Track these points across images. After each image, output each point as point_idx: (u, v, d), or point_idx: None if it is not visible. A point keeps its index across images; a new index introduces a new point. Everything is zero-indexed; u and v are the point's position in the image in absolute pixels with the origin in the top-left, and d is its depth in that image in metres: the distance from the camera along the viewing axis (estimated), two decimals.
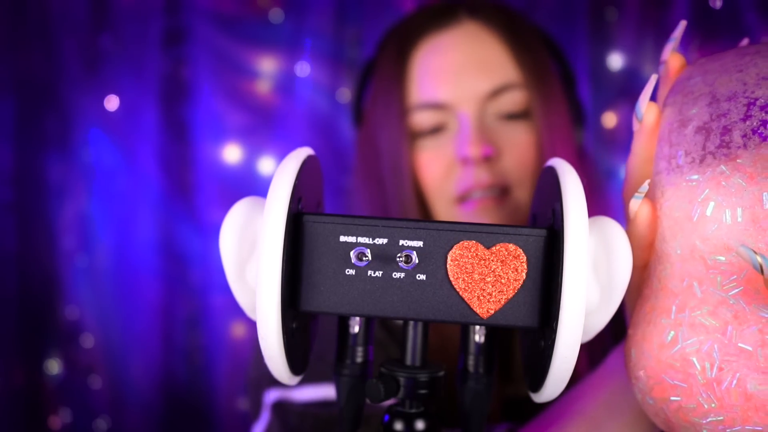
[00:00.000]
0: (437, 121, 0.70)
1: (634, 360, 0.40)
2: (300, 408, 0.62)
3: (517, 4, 1.06)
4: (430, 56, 0.71)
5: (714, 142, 0.36)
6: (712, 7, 1.02)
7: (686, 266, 0.37)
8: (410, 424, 0.37)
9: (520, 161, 0.69)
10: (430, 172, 0.71)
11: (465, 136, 0.68)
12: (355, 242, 0.35)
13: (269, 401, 0.65)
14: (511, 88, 0.69)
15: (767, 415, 0.35)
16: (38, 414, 1.15)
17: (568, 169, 0.35)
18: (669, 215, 0.38)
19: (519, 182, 0.70)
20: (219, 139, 1.12)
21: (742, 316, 0.35)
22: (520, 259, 0.34)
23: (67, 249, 1.13)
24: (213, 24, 1.10)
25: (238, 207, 0.37)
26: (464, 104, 0.69)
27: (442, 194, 0.70)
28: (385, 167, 0.72)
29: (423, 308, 0.35)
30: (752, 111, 0.36)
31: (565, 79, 0.77)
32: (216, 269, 1.12)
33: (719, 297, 0.36)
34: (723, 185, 0.35)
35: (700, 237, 0.36)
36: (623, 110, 1.10)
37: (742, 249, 0.33)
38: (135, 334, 1.13)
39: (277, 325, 0.33)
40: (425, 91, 0.70)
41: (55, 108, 1.11)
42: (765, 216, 0.34)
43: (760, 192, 0.34)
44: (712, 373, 0.36)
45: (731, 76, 0.38)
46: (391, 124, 0.71)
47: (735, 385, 0.35)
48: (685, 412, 0.37)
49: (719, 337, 0.35)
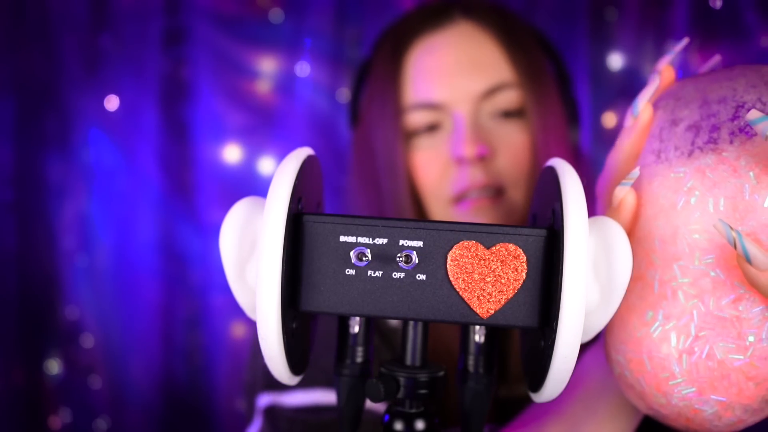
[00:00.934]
0: (432, 121, 0.70)
1: (614, 336, 0.42)
2: (290, 413, 0.63)
3: (517, 5, 1.06)
4: (425, 56, 0.71)
5: (702, 138, 0.38)
6: (712, 7, 1.02)
7: (667, 248, 0.39)
8: (410, 424, 0.37)
9: (515, 161, 0.70)
10: (426, 173, 0.71)
11: (460, 136, 0.68)
12: (355, 242, 0.35)
13: (261, 406, 0.65)
14: (506, 87, 0.69)
15: (731, 386, 0.37)
16: (38, 414, 1.15)
17: (568, 169, 0.35)
18: (654, 203, 0.40)
19: (514, 182, 0.70)
20: (219, 139, 1.12)
21: (720, 286, 0.37)
22: (520, 259, 0.34)
23: (67, 249, 1.13)
24: (213, 24, 1.10)
25: (238, 207, 0.36)
26: (459, 104, 0.69)
27: (438, 194, 0.71)
28: (380, 167, 0.72)
29: (423, 308, 0.35)
30: (740, 113, 0.38)
31: (560, 78, 0.77)
32: (216, 269, 1.12)
33: (699, 270, 0.38)
34: (708, 176, 0.37)
35: (683, 222, 0.38)
36: (623, 110, 1.10)
37: (719, 223, 0.36)
38: (135, 334, 1.13)
39: (277, 325, 0.33)
40: (420, 91, 0.70)
41: (55, 108, 1.11)
42: (745, 206, 0.36)
43: (742, 184, 0.36)
44: (686, 344, 0.38)
45: (722, 84, 0.40)
46: (386, 124, 0.71)
47: (705, 357, 0.37)
48: (658, 382, 0.39)
49: (698, 305, 0.38)
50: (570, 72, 0.79)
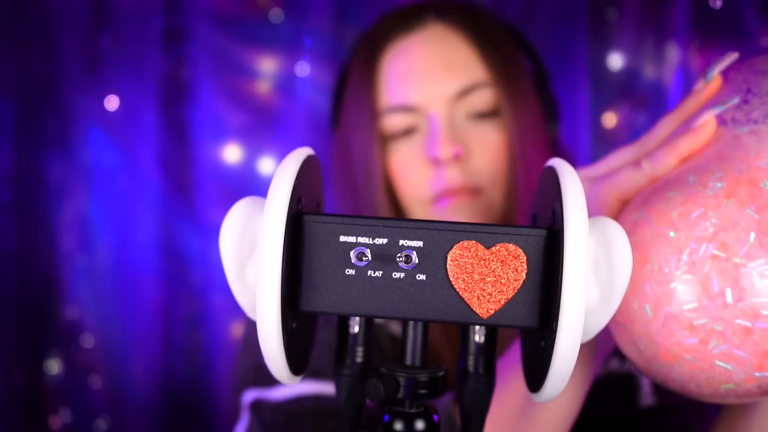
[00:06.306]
0: (408, 123, 0.71)
1: None
2: (274, 405, 0.64)
3: (517, 5, 1.06)
4: (398, 59, 0.71)
5: None
6: (712, 7, 1.02)
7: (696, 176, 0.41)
8: (410, 424, 0.37)
9: (491, 160, 0.70)
10: (403, 175, 0.72)
11: (435, 137, 0.68)
12: (355, 242, 0.35)
13: (247, 402, 0.67)
14: (480, 87, 0.69)
15: None
16: (38, 414, 1.15)
17: (567, 170, 0.35)
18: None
19: (491, 181, 0.71)
20: (219, 139, 1.12)
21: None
22: (520, 259, 0.34)
23: (67, 249, 1.13)
24: (213, 24, 1.10)
25: (238, 207, 0.36)
26: (433, 105, 0.69)
27: (416, 196, 0.71)
28: (357, 171, 0.73)
29: (423, 308, 0.35)
30: None
31: (538, 75, 0.77)
32: (216, 269, 1.12)
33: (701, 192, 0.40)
34: None
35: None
36: (623, 110, 1.10)
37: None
38: (135, 334, 1.13)
39: (277, 325, 0.33)
40: (394, 94, 0.71)
41: (55, 108, 1.11)
42: None
43: None
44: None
45: None
46: (362, 127, 0.72)
47: None
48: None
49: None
50: (548, 68, 0.79)
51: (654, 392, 0.72)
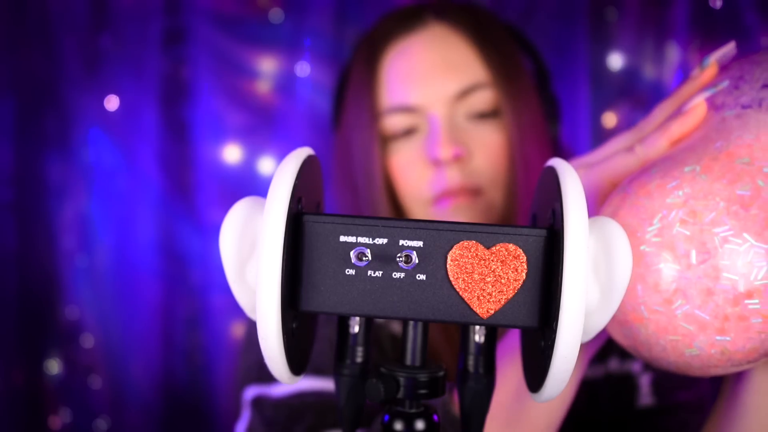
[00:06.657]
0: (408, 123, 0.71)
1: None
2: (275, 401, 0.64)
3: (516, 6, 1.06)
4: (399, 60, 0.71)
5: None
6: (712, 7, 1.02)
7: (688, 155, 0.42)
8: (410, 424, 0.37)
9: (491, 160, 0.70)
10: (404, 175, 0.72)
11: (435, 138, 0.68)
12: (355, 242, 0.35)
13: (248, 398, 0.67)
14: (480, 87, 0.69)
15: None
16: (38, 414, 1.15)
17: (568, 170, 0.35)
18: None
19: (491, 181, 0.71)
20: (219, 139, 1.12)
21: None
22: (520, 259, 0.34)
23: (67, 249, 1.13)
24: (213, 24, 1.10)
25: (238, 207, 0.36)
26: (434, 106, 0.69)
27: (417, 196, 0.71)
28: (357, 171, 0.73)
29: (423, 308, 0.35)
30: None
31: (539, 75, 0.77)
32: (216, 269, 1.12)
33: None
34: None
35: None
36: (623, 110, 1.10)
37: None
38: (135, 334, 1.13)
39: (277, 325, 0.33)
40: (395, 95, 0.71)
41: (55, 108, 1.11)
42: None
43: None
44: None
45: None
46: (363, 128, 0.72)
47: None
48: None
49: None
50: (548, 68, 0.79)
51: (652, 392, 0.72)
